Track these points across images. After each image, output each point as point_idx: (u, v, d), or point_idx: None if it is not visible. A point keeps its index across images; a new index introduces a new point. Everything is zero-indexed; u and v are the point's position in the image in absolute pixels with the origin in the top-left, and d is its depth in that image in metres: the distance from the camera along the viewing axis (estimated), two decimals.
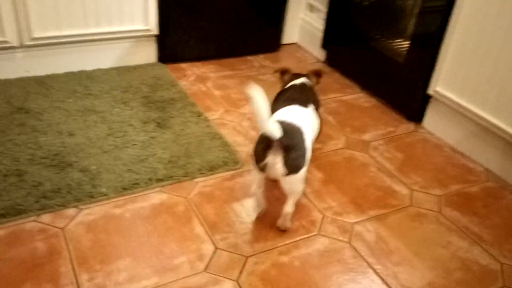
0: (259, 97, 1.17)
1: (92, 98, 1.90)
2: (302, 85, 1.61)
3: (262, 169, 1.29)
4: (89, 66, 2.11)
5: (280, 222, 1.39)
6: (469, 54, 1.70)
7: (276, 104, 1.51)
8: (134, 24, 2.11)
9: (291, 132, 1.28)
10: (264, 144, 1.26)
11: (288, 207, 1.36)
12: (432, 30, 1.81)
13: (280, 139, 1.23)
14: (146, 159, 1.60)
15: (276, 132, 1.22)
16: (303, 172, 1.30)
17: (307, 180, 1.61)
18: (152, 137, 1.71)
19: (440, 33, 1.78)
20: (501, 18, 1.56)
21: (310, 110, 1.48)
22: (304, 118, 1.39)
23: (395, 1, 2.13)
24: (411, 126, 2.00)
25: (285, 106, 1.44)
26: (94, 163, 1.55)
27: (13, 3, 1.82)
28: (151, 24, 2.14)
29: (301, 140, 1.31)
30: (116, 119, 1.79)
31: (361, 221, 1.47)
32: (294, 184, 1.31)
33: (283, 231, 1.39)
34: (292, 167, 1.27)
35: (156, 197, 1.47)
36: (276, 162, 1.25)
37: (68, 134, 1.67)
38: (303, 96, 1.53)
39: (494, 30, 1.59)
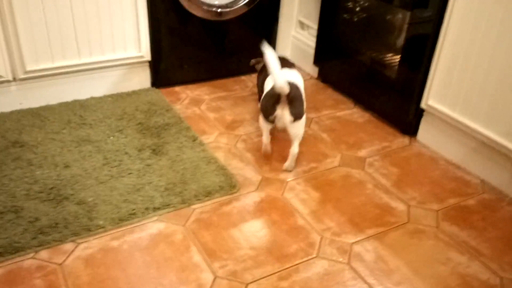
0: (271, 54, 1.55)
1: (87, 127, 1.91)
2: (281, 57, 1.82)
3: (272, 121, 1.63)
4: (83, 95, 2.12)
5: (287, 164, 1.72)
6: (460, 67, 1.71)
7: (265, 71, 1.78)
8: (127, 52, 2.13)
9: (292, 87, 1.59)
10: (273, 99, 1.59)
11: (295, 149, 1.69)
12: (422, 44, 1.82)
13: (287, 94, 1.55)
14: (142, 187, 1.60)
15: (286, 88, 1.53)
16: (304, 118, 1.65)
17: (303, 202, 1.61)
18: (148, 165, 1.72)
19: (430, 46, 1.80)
20: (490, 30, 1.58)
21: (295, 71, 1.83)
22: (295, 76, 1.75)
23: (385, 16, 2.15)
24: (405, 140, 2.01)
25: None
26: (91, 194, 1.55)
27: (5, 38, 1.84)
28: (144, 50, 2.16)
29: (300, 93, 1.65)
30: (111, 148, 1.79)
31: (360, 240, 1.46)
32: (299, 128, 1.66)
33: (290, 172, 1.72)
34: (297, 115, 1.61)
35: (153, 226, 1.47)
36: (284, 113, 1.59)
37: (64, 166, 1.67)
38: (287, 62, 1.88)
39: (484, 42, 1.61)
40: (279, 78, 1.53)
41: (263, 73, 1.88)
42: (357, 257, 1.40)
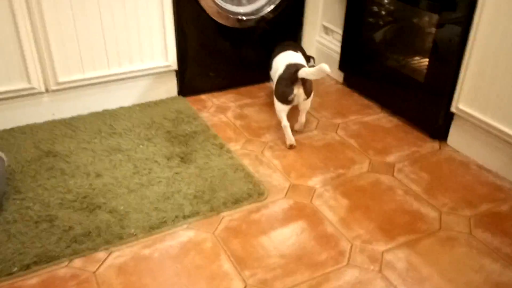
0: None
1: (117, 136, 1.95)
2: (290, 42, 2.21)
3: (291, 101, 1.88)
4: (112, 105, 2.17)
5: (297, 127, 2.04)
6: (490, 69, 1.68)
7: (276, 51, 2.11)
8: (154, 61, 2.17)
9: (299, 67, 1.85)
10: (288, 82, 1.85)
11: (303, 118, 2.02)
12: (451, 46, 1.79)
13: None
14: (171, 196, 1.62)
15: (303, 73, 1.81)
16: (312, 94, 1.94)
17: (332, 209, 1.60)
18: (177, 173, 1.74)
19: (459, 49, 1.77)
20: None
21: (299, 54, 2.07)
22: (300, 59, 2.00)
23: (411, 19, 2.12)
24: (435, 144, 1.97)
25: (282, 52, 2.06)
26: (122, 203, 1.58)
27: (37, 50, 1.90)
28: (171, 60, 2.19)
29: None
30: (141, 156, 1.83)
31: (391, 248, 1.45)
32: (308, 103, 1.96)
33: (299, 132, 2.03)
34: (309, 93, 1.90)
35: (183, 234, 1.48)
36: (300, 92, 1.86)
37: (96, 175, 1.71)
38: (293, 46, 2.11)
39: None
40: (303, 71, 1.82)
41: (274, 52, 2.13)
42: (389, 265, 1.38)
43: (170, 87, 2.29)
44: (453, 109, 1.86)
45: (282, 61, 1.97)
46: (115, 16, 1.99)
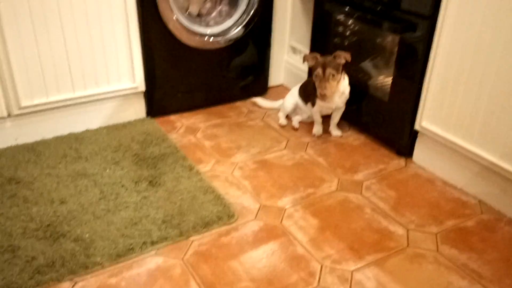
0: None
1: (83, 161, 1.91)
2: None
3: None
4: (78, 128, 2.13)
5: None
6: (451, 88, 1.73)
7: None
8: (121, 83, 2.14)
9: None
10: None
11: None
12: (412, 66, 1.84)
13: None
14: (139, 221, 1.59)
15: None
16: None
17: (302, 229, 1.61)
18: (145, 197, 1.71)
19: (421, 68, 1.82)
20: (480, 51, 1.60)
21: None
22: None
23: (375, 39, 2.18)
24: (401, 161, 2.01)
25: None
26: (87, 230, 1.54)
27: None
28: (138, 81, 2.17)
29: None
30: (108, 181, 1.79)
31: (360, 267, 1.45)
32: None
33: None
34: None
35: (151, 261, 1.45)
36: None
37: (60, 202, 1.66)
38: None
39: (473, 64, 1.63)
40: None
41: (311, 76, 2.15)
42: (358, 285, 1.39)
43: (138, 109, 2.27)
44: (417, 126, 1.90)
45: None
46: (80, 38, 1.96)
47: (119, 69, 2.10)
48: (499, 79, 1.56)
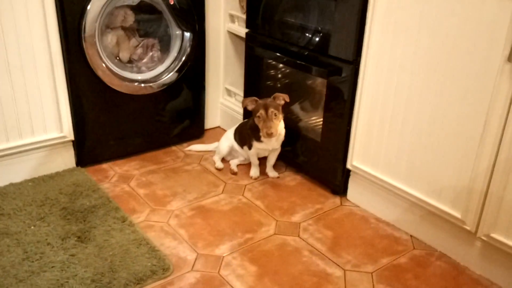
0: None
1: (5, 218, 1.78)
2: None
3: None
4: (0, 182, 1.99)
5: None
6: (377, 128, 1.80)
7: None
8: (48, 133, 2.05)
9: None
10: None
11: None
12: (341, 107, 1.91)
13: None
14: (66, 282, 1.49)
15: None
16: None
17: (241, 278, 1.57)
18: (72, 255, 1.61)
19: (349, 110, 1.89)
20: (400, 92, 1.68)
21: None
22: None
23: (305, 82, 2.24)
24: (337, 200, 2.05)
25: None
26: None
27: None
28: (66, 130, 2.09)
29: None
30: (32, 239, 1.67)
31: None
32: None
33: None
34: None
35: None
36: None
37: None
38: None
39: (395, 104, 1.71)
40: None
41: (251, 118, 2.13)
42: None
43: (67, 158, 2.17)
44: (348, 166, 1.95)
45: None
46: (0, 86, 1.87)
47: (44, 118, 2.01)
48: (419, 119, 1.64)
